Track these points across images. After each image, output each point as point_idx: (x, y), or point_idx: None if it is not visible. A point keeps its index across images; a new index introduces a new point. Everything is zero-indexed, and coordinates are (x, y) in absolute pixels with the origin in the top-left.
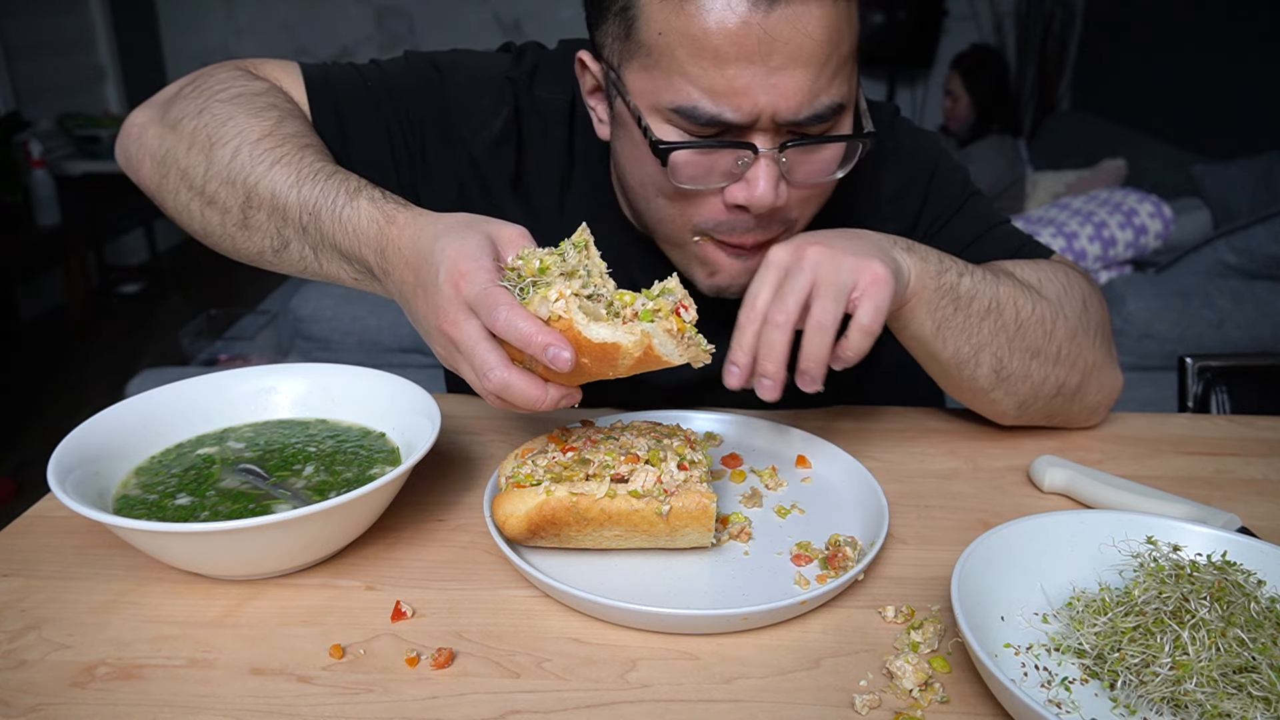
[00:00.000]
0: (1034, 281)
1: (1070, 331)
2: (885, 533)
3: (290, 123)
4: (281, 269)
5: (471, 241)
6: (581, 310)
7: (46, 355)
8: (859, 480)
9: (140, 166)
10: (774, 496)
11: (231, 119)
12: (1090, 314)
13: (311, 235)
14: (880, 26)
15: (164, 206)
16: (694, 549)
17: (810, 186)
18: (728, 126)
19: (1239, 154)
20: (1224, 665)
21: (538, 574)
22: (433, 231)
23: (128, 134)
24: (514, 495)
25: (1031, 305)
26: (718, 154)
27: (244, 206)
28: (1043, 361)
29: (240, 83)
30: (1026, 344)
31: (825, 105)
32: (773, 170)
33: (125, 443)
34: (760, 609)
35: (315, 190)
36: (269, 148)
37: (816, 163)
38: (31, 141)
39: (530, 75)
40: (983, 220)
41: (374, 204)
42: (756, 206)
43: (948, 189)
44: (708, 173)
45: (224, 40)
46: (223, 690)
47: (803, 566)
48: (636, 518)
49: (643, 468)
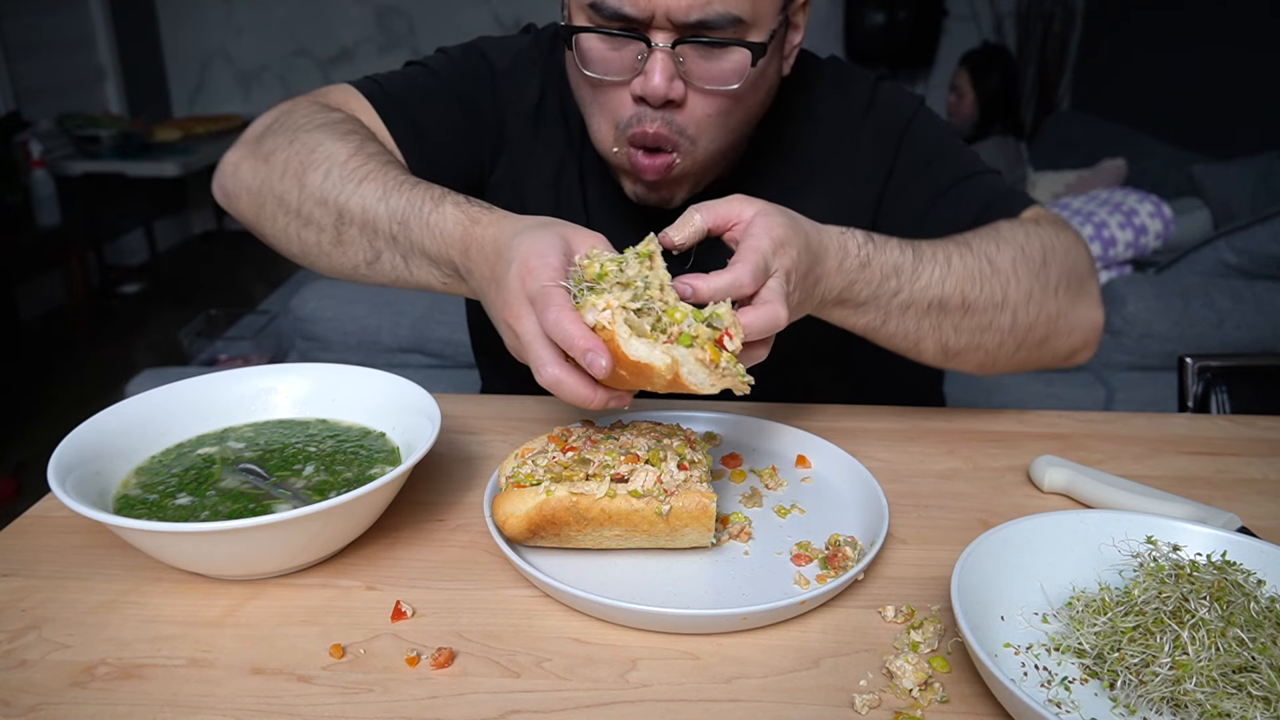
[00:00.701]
0: (990, 251)
1: (1025, 295)
2: (885, 532)
3: (371, 144)
4: (375, 281)
5: (544, 240)
6: (626, 323)
7: (46, 355)
8: (859, 480)
9: (238, 200)
10: (774, 496)
11: (320, 145)
12: (1050, 268)
13: (401, 244)
14: (880, 26)
15: (263, 234)
16: (694, 549)
17: (706, 92)
18: (630, 22)
19: (1239, 154)
20: (1224, 665)
21: (538, 574)
22: (512, 229)
23: (223, 173)
24: (514, 495)
25: (980, 286)
26: (622, 49)
27: (337, 224)
28: (994, 332)
29: (321, 114)
30: (974, 324)
31: (716, 13)
32: (667, 63)
33: (125, 443)
34: (760, 609)
35: (402, 200)
36: (355, 166)
37: (715, 71)
38: (31, 141)
39: (551, 41)
40: (956, 170)
41: (458, 207)
42: (651, 95)
43: (923, 139)
44: (615, 67)
45: (224, 40)
46: (223, 690)
47: (803, 566)
48: (636, 518)
49: (643, 468)
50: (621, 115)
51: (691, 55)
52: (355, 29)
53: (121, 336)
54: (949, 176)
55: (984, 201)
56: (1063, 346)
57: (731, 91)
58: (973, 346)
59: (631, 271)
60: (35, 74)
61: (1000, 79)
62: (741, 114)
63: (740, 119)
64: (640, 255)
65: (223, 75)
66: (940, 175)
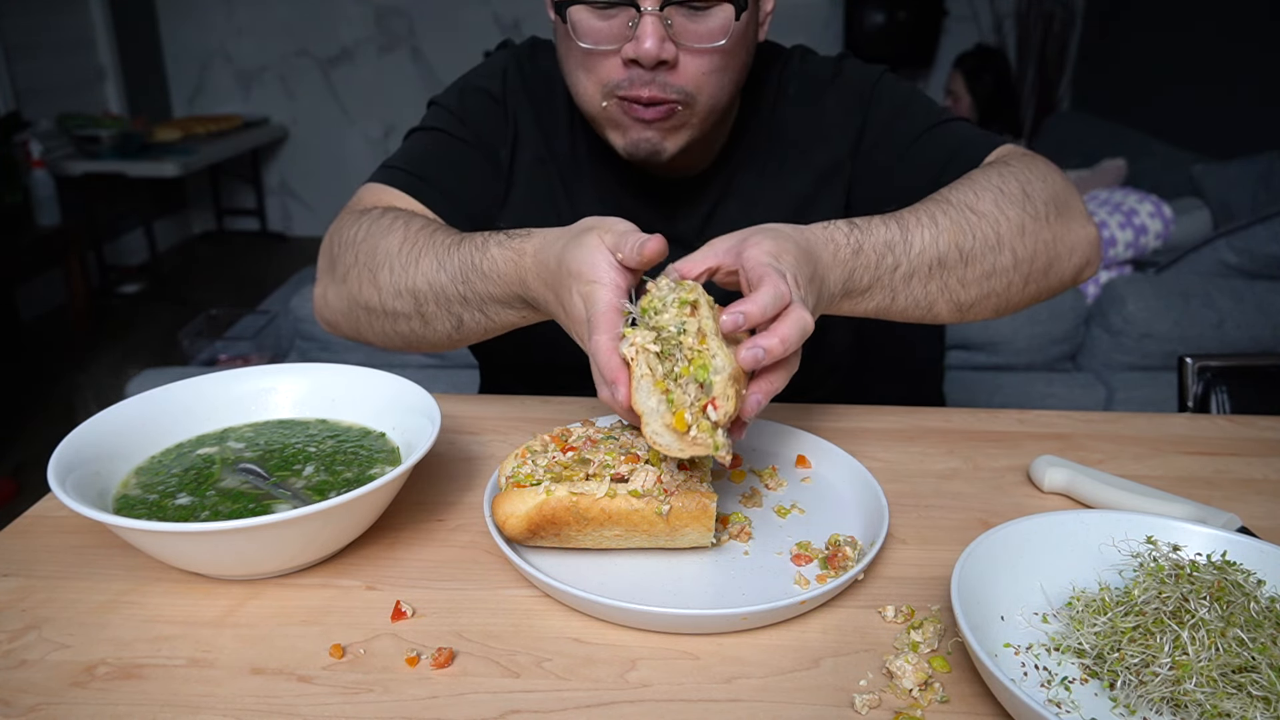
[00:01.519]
0: (969, 200)
1: (1017, 229)
2: (885, 532)
3: (415, 222)
4: (473, 339)
5: (587, 254)
6: (647, 364)
7: (46, 355)
8: (859, 480)
9: (338, 326)
10: (774, 496)
11: (377, 248)
12: (1033, 199)
13: (472, 301)
14: (880, 26)
15: (369, 341)
16: (694, 549)
17: (696, 51)
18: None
19: (1239, 154)
20: (1224, 665)
21: (538, 573)
22: (555, 251)
23: (318, 308)
24: (514, 495)
25: (971, 234)
26: (612, 17)
27: (417, 308)
28: (1000, 274)
29: (365, 220)
30: (977, 272)
31: None
32: (658, 26)
33: (125, 443)
34: (760, 609)
35: (455, 261)
36: (409, 250)
37: (702, 29)
38: (31, 141)
39: (530, 51)
40: (926, 119)
41: (502, 246)
42: (644, 58)
43: (890, 96)
44: (606, 36)
45: (224, 40)
46: (223, 690)
47: (803, 566)
48: (636, 517)
49: (643, 467)
50: (611, 79)
51: (678, 17)
52: (355, 29)
53: (121, 336)
54: (920, 125)
55: (954, 146)
56: (1068, 268)
57: (719, 48)
58: (984, 295)
59: (668, 316)
60: (35, 74)
61: (995, 80)
62: (732, 72)
63: (731, 77)
64: (683, 301)
65: (223, 75)
66: (910, 126)
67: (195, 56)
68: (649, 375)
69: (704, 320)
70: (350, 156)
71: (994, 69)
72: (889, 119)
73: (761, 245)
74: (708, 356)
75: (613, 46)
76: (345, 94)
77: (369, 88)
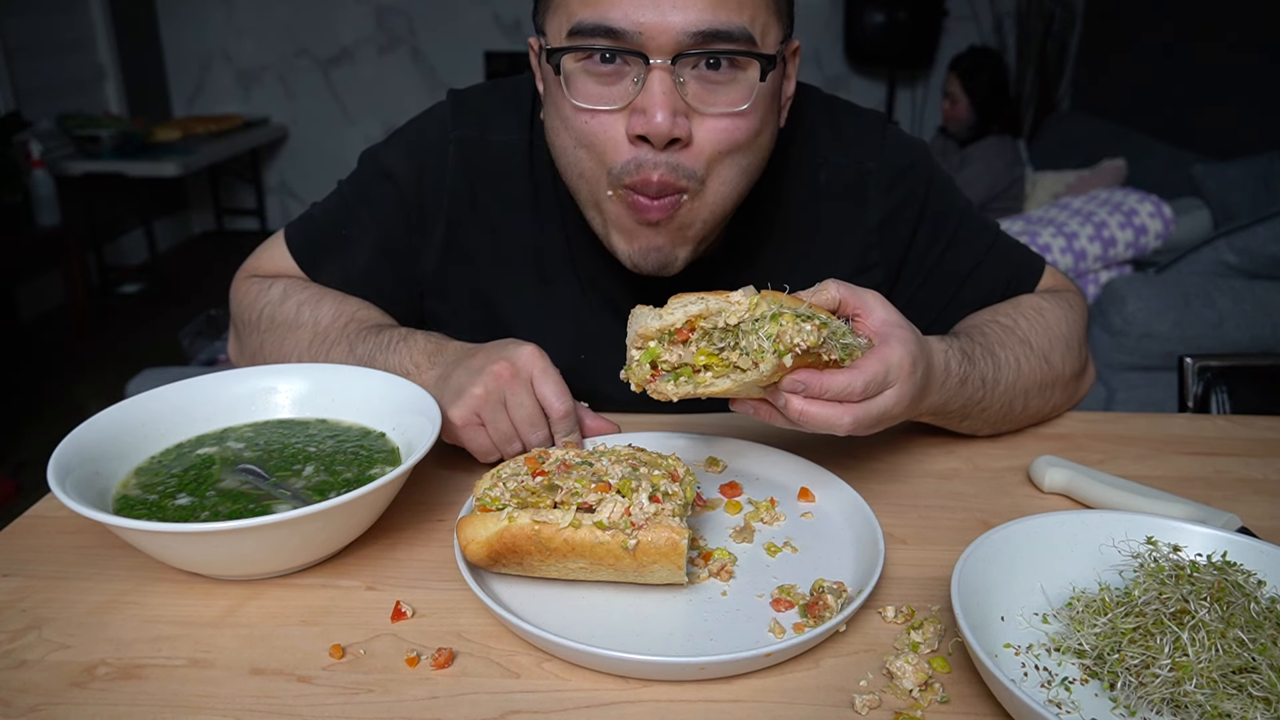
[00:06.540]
0: (1045, 349)
1: (1063, 384)
2: (875, 581)
3: (322, 306)
4: None
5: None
6: None
7: (46, 355)
8: (860, 518)
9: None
10: (767, 532)
11: (283, 343)
12: (1077, 348)
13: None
14: (880, 26)
15: None
16: (668, 585)
17: (713, 122)
18: (619, 40)
19: (1239, 154)
20: (1224, 666)
21: (490, 602)
22: (448, 379)
23: (231, 356)
24: (477, 520)
25: (1040, 389)
26: (614, 78)
27: None
28: (1029, 417)
29: (269, 304)
30: (1024, 414)
31: (723, 23)
32: (666, 80)
33: (125, 443)
34: (719, 659)
35: (365, 349)
36: (317, 348)
37: (720, 95)
38: (31, 141)
39: (481, 125)
40: (977, 244)
41: (403, 357)
42: (654, 133)
43: (942, 214)
44: (606, 96)
45: (224, 40)
46: (223, 690)
47: (782, 612)
48: (601, 550)
49: (611, 497)
50: (617, 160)
51: (693, 78)
52: (355, 29)
53: (121, 336)
54: (971, 257)
55: (1006, 275)
56: (1065, 408)
57: (739, 113)
58: (1010, 426)
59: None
60: (35, 74)
61: (990, 81)
62: (750, 153)
63: (750, 161)
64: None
65: (222, 75)
66: (963, 258)
67: (195, 56)
68: None
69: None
70: (350, 156)
71: (989, 70)
72: (940, 238)
73: (908, 345)
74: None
75: (614, 107)
76: (345, 94)
77: (369, 88)
